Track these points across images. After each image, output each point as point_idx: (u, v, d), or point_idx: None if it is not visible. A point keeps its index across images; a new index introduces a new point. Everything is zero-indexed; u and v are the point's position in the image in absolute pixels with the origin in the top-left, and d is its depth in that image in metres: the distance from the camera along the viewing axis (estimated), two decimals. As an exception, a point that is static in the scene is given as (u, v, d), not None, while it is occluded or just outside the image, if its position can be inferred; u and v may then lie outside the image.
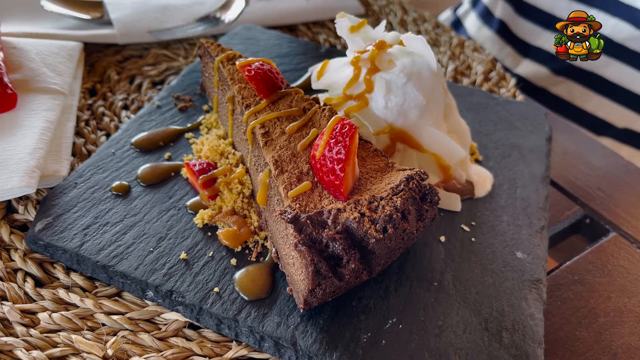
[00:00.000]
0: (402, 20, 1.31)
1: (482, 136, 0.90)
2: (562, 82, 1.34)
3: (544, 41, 1.36)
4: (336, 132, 0.58)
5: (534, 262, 0.69)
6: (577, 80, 1.33)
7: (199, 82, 0.94)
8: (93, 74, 0.99)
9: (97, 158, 0.77)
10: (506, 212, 0.76)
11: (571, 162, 0.96)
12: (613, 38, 1.23)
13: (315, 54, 1.05)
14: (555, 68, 1.35)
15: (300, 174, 0.61)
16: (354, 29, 0.78)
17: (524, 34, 1.40)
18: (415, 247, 0.69)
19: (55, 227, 0.66)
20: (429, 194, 0.61)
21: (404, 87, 0.72)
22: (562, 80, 1.34)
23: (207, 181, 0.72)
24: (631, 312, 0.70)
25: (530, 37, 1.39)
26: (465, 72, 1.15)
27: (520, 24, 1.40)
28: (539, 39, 1.37)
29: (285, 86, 0.74)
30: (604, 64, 1.26)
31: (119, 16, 1.05)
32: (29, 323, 0.60)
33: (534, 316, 0.63)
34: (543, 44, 1.37)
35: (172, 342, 0.60)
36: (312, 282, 0.54)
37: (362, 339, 0.58)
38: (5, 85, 0.77)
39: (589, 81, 1.30)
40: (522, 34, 1.40)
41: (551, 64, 1.36)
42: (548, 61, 1.36)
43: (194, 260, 0.65)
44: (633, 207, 0.87)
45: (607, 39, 1.23)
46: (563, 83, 1.34)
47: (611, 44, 1.23)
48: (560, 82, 1.35)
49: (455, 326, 0.61)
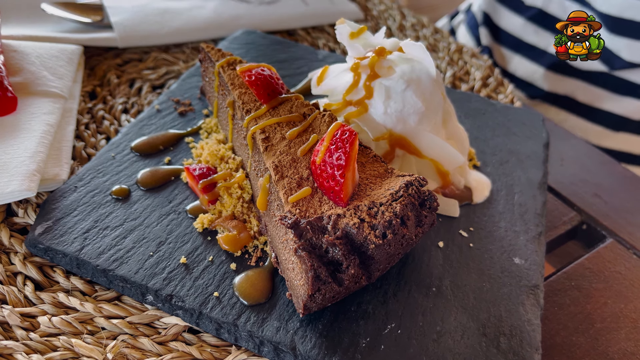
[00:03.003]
0: (400, 25, 1.31)
1: (480, 142, 0.91)
2: (538, 104, 1.38)
3: (516, 64, 1.39)
4: (336, 138, 0.58)
5: (532, 267, 0.70)
6: (553, 104, 1.36)
7: (199, 87, 0.94)
8: (93, 77, 0.99)
9: (97, 162, 0.77)
10: (504, 218, 0.76)
11: (568, 168, 0.97)
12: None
13: (315, 59, 1.06)
14: (530, 94, 1.39)
15: (301, 179, 0.61)
16: (354, 35, 0.79)
17: (500, 58, 1.43)
18: (414, 253, 0.69)
19: (55, 231, 0.66)
20: (428, 199, 0.62)
21: (403, 93, 0.73)
22: (538, 103, 1.37)
23: (207, 185, 0.72)
24: (627, 317, 0.70)
25: (503, 61, 1.43)
26: (463, 77, 1.16)
27: (496, 48, 1.43)
28: (511, 64, 1.40)
29: (285, 91, 0.74)
30: (578, 88, 1.29)
31: (119, 20, 1.05)
32: (29, 327, 0.60)
33: (531, 322, 0.63)
34: (516, 68, 1.39)
35: (172, 347, 0.60)
36: (311, 287, 0.54)
37: (361, 344, 0.58)
38: (6, 88, 0.77)
39: (565, 104, 1.34)
40: (498, 58, 1.43)
41: (527, 90, 1.39)
42: (524, 87, 1.39)
43: (193, 264, 0.65)
44: (629, 214, 0.88)
45: None
46: (539, 105, 1.38)
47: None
48: (537, 105, 1.38)
49: (454, 331, 0.61)
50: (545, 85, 1.35)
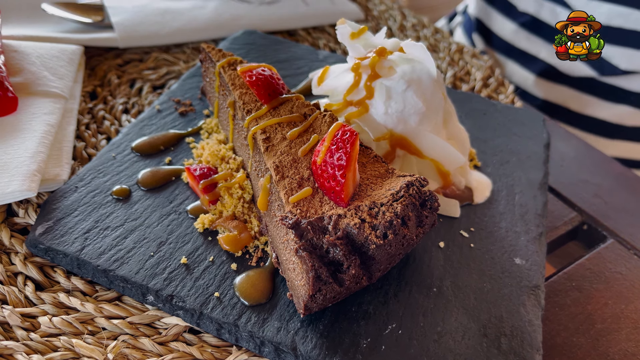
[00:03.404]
0: (401, 25, 1.31)
1: (481, 142, 0.91)
2: None
3: (510, 71, 1.40)
4: (337, 139, 0.58)
5: (532, 268, 0.70)
6: (549, 113, 1.36)
7: (200, 87, 0.94)
8: (93, 77, 0.99)
9: (97, 162, 0.77)
10: (505, 219, 0.76)
11: (569, 168, 0.97)
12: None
13: (315, 59, 1.06)
14: (528, 102, 1.39)
15: (301, 179, 0.61)
16: (355, 36, 0.79)
17: (495, 63, 1.44)
18: (414, 253, 0.69)
19: (55, 231, 0.66)
20: (428, 200, 0.62)
21: (404, 93, 0.73)
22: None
23: (207, 186, 0.72)
24: (628, 318, 0.70)
25: (500, 67, 1.43)
26: (464, 78, 1.16)
27: (490, 53, 1.44)
28: (506, 70, 1.41)
29: (286, 92, 0.74)
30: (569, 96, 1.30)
31: (120, 20, 1.05)
32: (30, 327, 0.60)
33: (532, 322, 0.63)
34: (511, 74, 1.40)
35: (173, 347, 0.60)
36: (312, 287, 0.54)
37: (361, 344, 0.58)
38: (6, 88, 0.77)
39: (559, 113, 1.35)
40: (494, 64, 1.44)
41: (524, 98, 1.40)
42: (521, 95, 1.41)
43: (194, 264, 0.65)
44: (630, 214, 0.88)
45: None
46: None
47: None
48: None
49: (454, 332, 0.61)
50: (538, 93, 1.35)
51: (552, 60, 1.29)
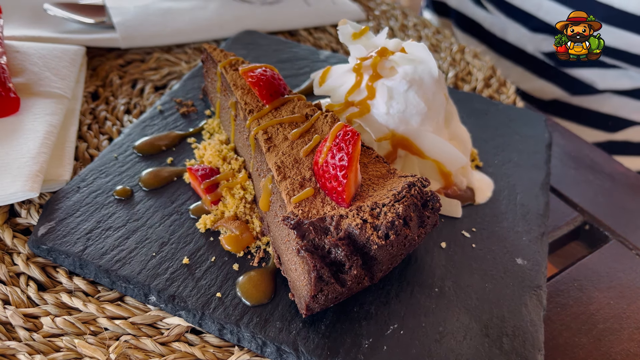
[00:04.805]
0: (402, 25, 1.31)
1: (483, 142, 0.90)
2: None
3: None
4: (339, 139, 0.58)
5: (534, 268, 0.69)
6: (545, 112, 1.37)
7: (201, 87, 0.94)
8: (95, 78, 0.99)
9: (99, 162, 0.77)
10: (506, 219, 0.76)
11: (571, 168, 0.97)
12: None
13: (317, 59, 1.06)
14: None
15: (303, 180, 0.61)
16: (356, 36, 0.79)
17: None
18: (416, 253, 0.69)
19: (58, 232, 0.66)
20: (430, 200, 0.62)
21: (406, 93, 0.73)
22: None
23: (209, 186, 0.72)
24: (630, 318, 0.70)
25: None
26: (465, 78, 1.16)
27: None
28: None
29: (287, 92, 0.74)
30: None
31: (122, 20, 1.05)
32: (32, 327, 0.61)
33: (534, 322, 0.63)
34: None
35: (175, 347, 0.60)
36: (314, 288, 0.54)
37: (363, 344, 0.58)
38: (9, 89, 0.78)
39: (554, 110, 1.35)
40: None
41: None
42: None
43: (196, 265, 0.65)
44: (632, 214, 0.88)
45: None
46: None
47: None
48: None
49: (456, 332, 0.61)
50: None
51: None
